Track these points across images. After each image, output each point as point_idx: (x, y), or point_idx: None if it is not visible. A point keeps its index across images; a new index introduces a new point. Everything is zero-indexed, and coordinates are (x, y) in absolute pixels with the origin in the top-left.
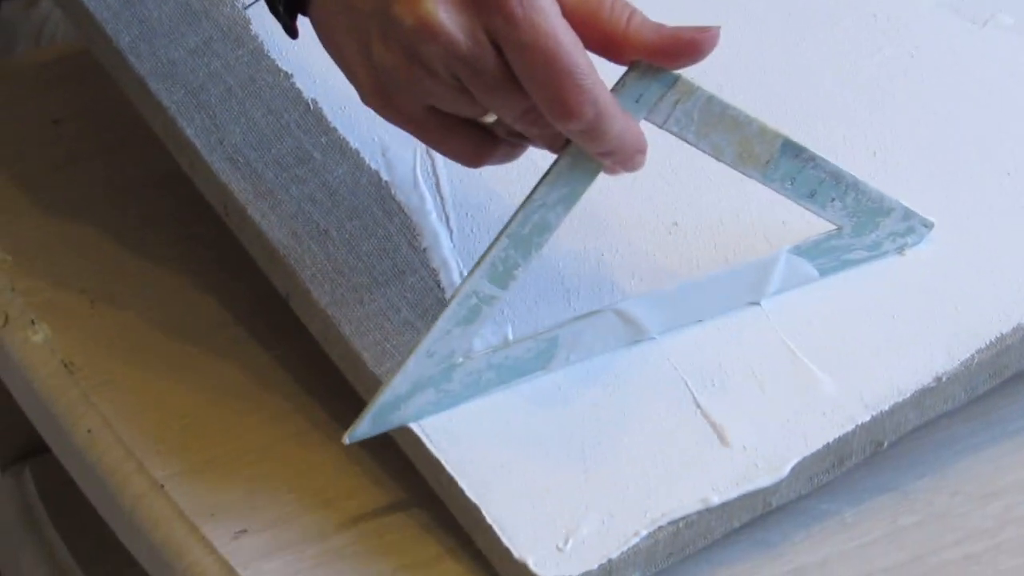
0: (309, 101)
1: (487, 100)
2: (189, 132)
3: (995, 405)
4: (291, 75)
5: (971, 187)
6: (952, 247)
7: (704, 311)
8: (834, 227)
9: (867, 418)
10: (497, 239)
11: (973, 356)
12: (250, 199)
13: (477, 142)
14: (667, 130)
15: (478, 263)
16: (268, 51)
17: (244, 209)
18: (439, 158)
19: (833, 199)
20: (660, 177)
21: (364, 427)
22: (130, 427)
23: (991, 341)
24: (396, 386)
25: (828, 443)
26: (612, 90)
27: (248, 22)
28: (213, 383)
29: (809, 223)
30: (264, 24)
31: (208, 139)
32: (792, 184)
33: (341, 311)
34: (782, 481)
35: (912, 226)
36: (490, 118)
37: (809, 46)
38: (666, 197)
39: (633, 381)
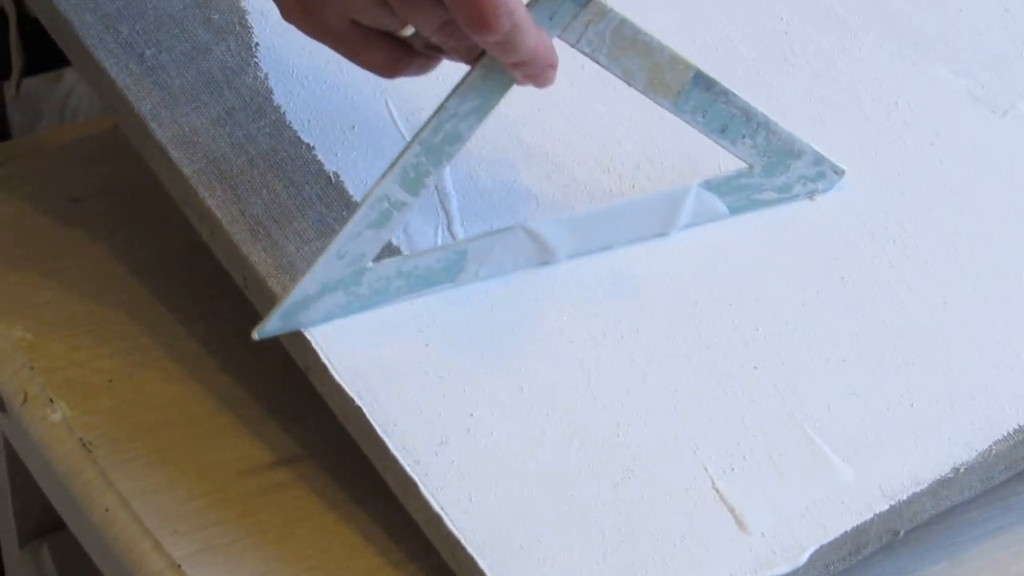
0: (331, 174)
1: (407, 13)
2: (210, 202)
3: (1013, 490)
4: (313, 147)
5: (990, 276)
6: (971, 334)
7: (613, 238)
8: (745, 165)
9: (885, 507)
10: (409, 146)
11: (991, 447)
12: (271, 272)
13: (394, 54)
14: (580, 50)
15: (390, 168)
16: (290, 122)
17: (264, 281)
18: (459, 234)
19: (744, 136)
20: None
21: (273, 324)
22: (147, 506)
23: (1009, 432)
24: (306, 285)
25: (846, 531)
26: (526, 6)
27: (270, 92)
28: (231, 462)
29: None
30: (286, 95)
31: (229, 210)
32: (703, 117)
33: None
34: (799, 569)
35: (823, 171)
36: (408, 31)
37: (830, 132)
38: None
39: (653, 462)
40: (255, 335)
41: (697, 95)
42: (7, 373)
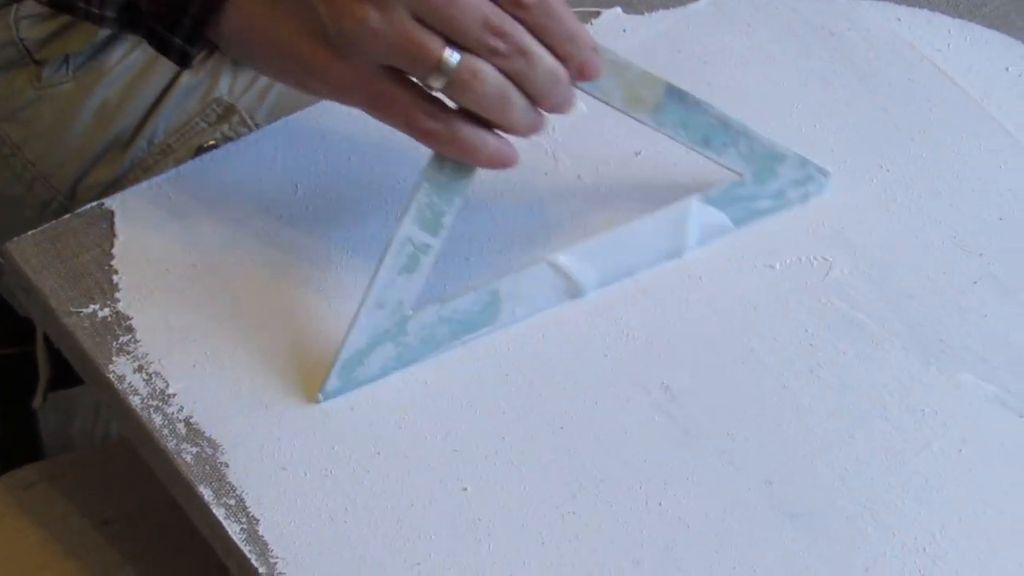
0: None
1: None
2: (237, 538)
3: None
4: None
5: None
6: None
7: (631, 264)
8: (737, 176)
9: None
10: (419, 186)
11: None
12: None
13: (424, 103)
14: None
15: (405, 211)
16: None
17: None
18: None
19: (727, 144)
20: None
21: (333, 383)
22: None
23: None
24: (354, 340)
25: None
26: None
27: None
28: None
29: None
30: None
31: (255, 546)
32: (685, 131)
33: None
34: None
35: (810, 174)
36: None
37: (857, 442)
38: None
39: None
40: (319, 396)
41: (673, 108)
42: None
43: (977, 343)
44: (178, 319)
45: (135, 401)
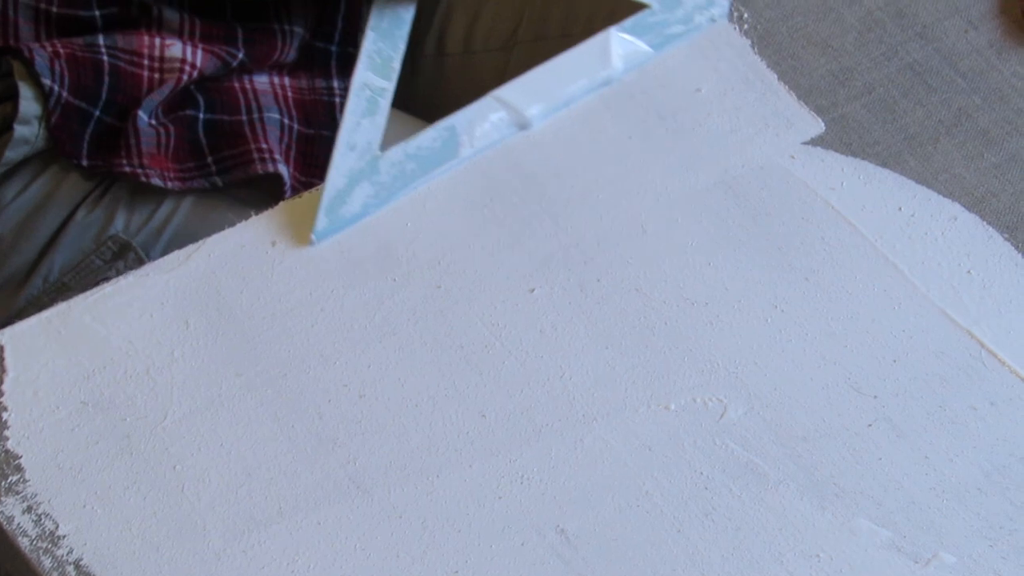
0: None
1: None
2: None
3: None
4: None
5: None
6: None
7: (569, 93)
8: (646, 6)
9: None
10: (364, 36)
11: None
12: None
13: None
14: None
15: (358, 60)
16: None
17: None
18: None
19: None
20: None
21: (322, 223)
22: None
23: None
24: (333, 181)
25: None
26: None
27: None
28: None
29: None
30: None
31: None
32: None
33: None
34: None
35: None
36: None
37: None
38: None
39: None
40: (313, 238)
41: None
42: None
43: (872, 487)
44: (68, 458)
45: (24, 543)
